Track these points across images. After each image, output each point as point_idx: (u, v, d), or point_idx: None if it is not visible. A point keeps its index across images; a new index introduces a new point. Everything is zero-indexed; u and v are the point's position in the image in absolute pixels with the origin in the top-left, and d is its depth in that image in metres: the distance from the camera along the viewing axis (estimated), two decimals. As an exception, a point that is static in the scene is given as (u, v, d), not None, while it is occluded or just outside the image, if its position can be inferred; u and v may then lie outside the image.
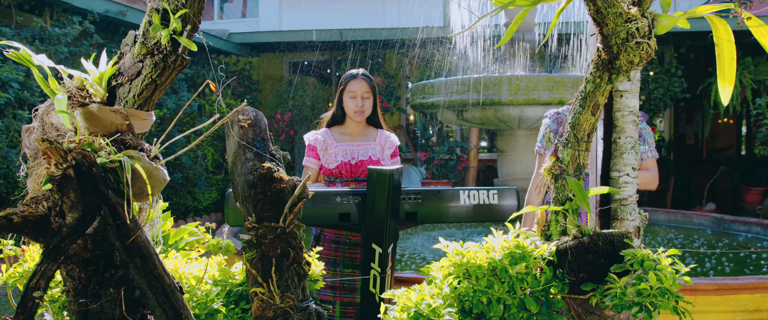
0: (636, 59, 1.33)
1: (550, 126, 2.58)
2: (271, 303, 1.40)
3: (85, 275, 1.16)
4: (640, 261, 1.24)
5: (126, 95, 1.30)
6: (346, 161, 2.57)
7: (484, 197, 2.04)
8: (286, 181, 1.45)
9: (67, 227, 1.07)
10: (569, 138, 1.45)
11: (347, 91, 2.60)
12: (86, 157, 1.06)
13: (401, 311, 1.15)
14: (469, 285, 1.28)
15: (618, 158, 1.50)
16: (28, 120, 4.52)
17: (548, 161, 1.49)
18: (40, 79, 1.23)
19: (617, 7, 1.29)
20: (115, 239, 1.12)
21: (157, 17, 1.27)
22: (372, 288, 2.01)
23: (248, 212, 1.45)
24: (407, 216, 2.02)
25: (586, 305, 1.33)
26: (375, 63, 9.62)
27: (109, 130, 1.24)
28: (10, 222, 1.01)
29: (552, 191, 1.50)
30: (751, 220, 5.05)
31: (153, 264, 1.18)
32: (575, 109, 1.44)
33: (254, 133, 1.54)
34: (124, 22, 6.01)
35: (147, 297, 1.18)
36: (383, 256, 1.95)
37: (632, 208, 1.48)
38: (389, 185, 1.86)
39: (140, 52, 1.28)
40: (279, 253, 1.43)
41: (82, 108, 1.22)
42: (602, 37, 1.33)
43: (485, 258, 1.33)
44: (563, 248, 1.33)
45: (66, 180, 1.04)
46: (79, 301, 1.17)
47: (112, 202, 1.10)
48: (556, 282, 1.33)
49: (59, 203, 1.06)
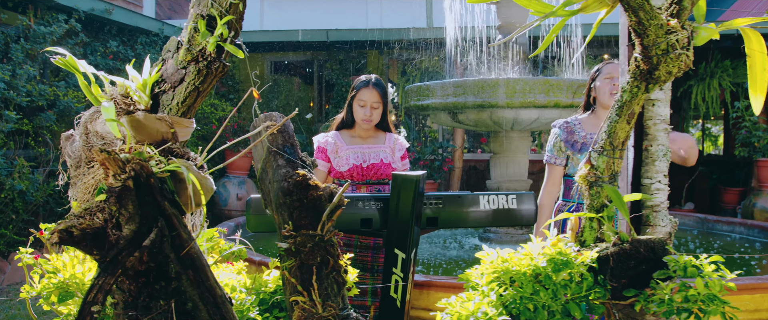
0: (675, 70, 1.36)
1: (559, 135, 2.62)
2: (312, 312, 1.39)
3: (136, 287, 1.14)
4: (684, 267, 1.26)
5: (169, 102, 1.28)
6: (357, 164, 2.57)
7: (504, 202, 2.06)
8: (323, 189, 1.44)
9: (124, 239, 1.04)
10: (605, 145, 1.47)
11: (358, 98, 2.60)
12: (144, 167, 1.04)
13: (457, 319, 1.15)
14: (516, 292, 1.29)
15: (650, 165, 1.53)
16: (14, 120, 4.40)
17: (583, 169, 1.51)
18: (84, 85, 1.20)
19: (659, 19, 1.31)
20: (170, 251, 1.10)
21: (203, 23, 1.25)
22: (393, 293, 2.01)
23: (284, 220, 1.44)
24: (428, 221, 2.02)
25: (628, 310, 1.35)
26: (360, 64, 9.61)
27: (155, 138, 1.22)
28: (71, 235, 0.98)
29: (586, 198, 1.52)
30: (734, 220, 5.19)
31: (205, 276, 1.17)
32: (611, 118, 1.47)
33: (284, 138, 1.53)
34: (109, 20, 5.89)
35: (198, 309, 1.16)
36: (406, 261, 1.96)
37: (664, 214, 1.52)
38: (415, 191, 1.87)
39: (185, 59, 1.26)
40: (318, 261, 1.42)
41: (128, 116, 1.19)
42: (642, 47, 1.35)
43: (529, 265, 1.34)
44: (605, 255, 1.36)
45: (125, 192, 1.02)
46: (129, 314, 1.14)
47: (167, 213, 1.08)
48: (597, 288, 1.35)
49: (116, 215, 1.04)
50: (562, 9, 1.39)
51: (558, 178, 2.65)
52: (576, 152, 2.58)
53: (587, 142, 2.58)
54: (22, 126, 4.60)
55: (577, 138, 2.60)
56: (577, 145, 2.59)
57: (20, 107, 4.62)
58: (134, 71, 1.25)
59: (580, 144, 2.59)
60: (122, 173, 1.03)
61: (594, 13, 1.44)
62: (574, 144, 2.60)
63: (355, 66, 9.56)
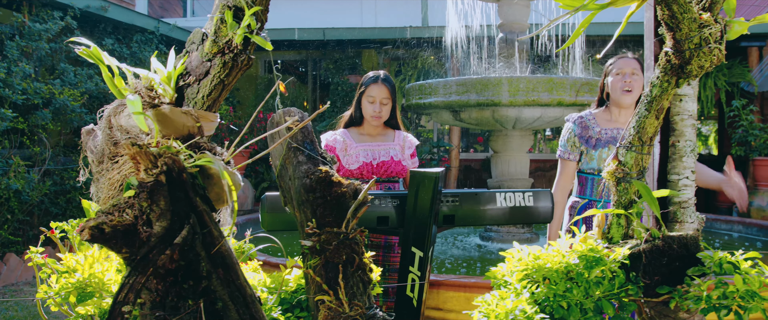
0: (706, 64, 1.34)
1: (573, 130, 2.60)
2: (340, 311, 1.36)
3: (163, 287, 1.10)
4: (719, 263, 1.25)
5: (194, 96, 1.24)
6: (367, 162, 2.54)
7: (520, 199, 2.04)
8: (346, 185, 1.41)
9: (155, 236, 1.01)
10: (633, 141, 1.45)
11: (367, 94, 2.57)
12: (176, 161, 1.01)
13: (496, 318, 1.13)
14: (548, 290, 1.27)
15: (677, 161, 1.51)
16: (10, 118, 4.31)
17: (611, 164, 1.49)
18: (108, 77, 1.16)
19: (692, 12, 1.29)
20: (201, 248, 1.06)
21: (230, 14, 1.21)
22: (409, 292, 1.98)
23: (307, 217, 1.41)
24: (445, 219, 1.99)
25: (660, 307, 1.33)
26: (355, 63, 9.57)
27: (180, 132, 1.18)
28: (102, 232, 0.94)
29: (613, 194, 1.50)
30: (732, 219, 5.21)
31: (235, 274, 1.13)
32: (640, 113, 1.45)
33: (303, 134, 1.49)
34: (104, 18, 5.81)
35: (228, 308, 1.13)
36: (423, 260, 1.93)
37: (692, 211, 1.50)
38: (434, 188, 1.84)
39: (210, 51, 1.22)
40: (344, 260, 1.39)
41: (154, 109, 1.15)
42: (674, 41, 1.33)
43: (560, 263, 1.32)
44: (637, 251, 1.34)
45: (157, 187, 0.98)
46: (157, 314, 1.10)
47: (199, 210, 1.05)
48: (630, 285, 1.33)
49: (147, 211, 1.00)
50: (592, 2, 1.37)
51: (571, 174, 2.63)
52: (590, 148, 2.56)
53: (601, 137, 2.56)
54: (18, 124, 4.52)
55: (591, 133, 2.58)
56: (592, 140, 2.57)
57: (15, 105, 4.53)
58: (159, 63, 1.21)
59: (595, 139, 2.57)
60: (154, 168, 0.99)
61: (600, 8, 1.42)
62: (589, 139, 2.58)
63: (350, 65, 9.52)
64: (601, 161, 2.56)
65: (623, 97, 2.51)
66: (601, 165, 2.54)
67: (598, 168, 2.56)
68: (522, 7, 4.91)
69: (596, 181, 2.59)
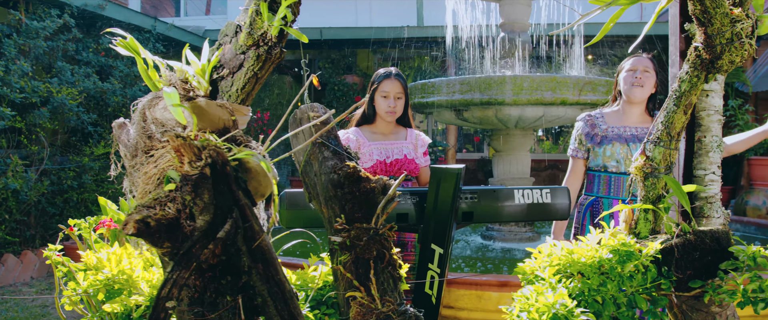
0: (737, 59, 1.34)
1: (581, 128, 2.62)
2: (372, 308, 1.35)
3: (201, 282, 1.08)
4: (753, 257, 1.25)
5: (228, 89, 1.22)
6: (381, 160, 2.53)
7: (538, 196, 2.03)
8: (375, 181, 1.41)
9: (198, 231, 0.99)
10: (661, 136, 1.46)
11: (380, 90, 2.56)
12: (220, 154, 0.99)
13: (536, 312, 1.12)
14: (583, 284, 1.27)
15: (703, 156, 1.52)
16: (8, 117, 4.25)
17: (638, 160, 1.49)
18: (143, 70, 1.14)
19: (724, 7, 1.30)
20: (242, 243, 1.05)
21: (265, 6, 1.20)
22: (428, 289, 1.97)
23: (335, 213, 1.40)
24: (464, 216, 1.99)
25: (692, 301, 1.33)
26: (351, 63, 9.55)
27: (216, 126, 1.16)
28: (148, 226, 0.92)
29: (641, 189, 1.50)
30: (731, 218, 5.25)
31: (275, 270, 1.11)
32: (668, 108, 1.45)
33: (327, 130, 1.48)
34: (102, 16, 5.75)
35: (267, 304, 1.11)
36: (443, 257, 1.92)
37: (718, 206, 1.51)
38: (456, 184, 1.83)
39: (245, 43, 1.20)
40: (374, 255, 1.38)
41: (190, 102, 1.13)
42: (706, 36, 1.34)
43: (592, 257, 1.32)
44: (669, 246, 1.34)
45: (202, 180, 0.97)
46: (195, 310, 1.09)
47: (241, 203, 1.03)
48: (662, 279, 1.33)
49: (190, 205, 0.98)
50: (623, -3, 1.37)
51: (580, 171, 2.66)
52: (595, 145, 2.59)
53: (607, 134, 2.58)
54: (16, 123, 4.46)
55: (597, 131, 2.60)
56: (597, 138, 2.60)
57: (13, 104, 4.47)
58: (193, 56, 1.20)
59: (600, 137, 2.59)
60: (198, 160, 0.97)
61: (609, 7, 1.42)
62: (594, 137, 2.60)
63: (346, 65, 9.50)
64: (605, 158, 2.58)
65: (633, 89, 2.53)
66: (606, 163, 2.56)
67: (604, 165, 2.58)
68: (523, 7, 4.93)
69: (603, 178, 2.61)
